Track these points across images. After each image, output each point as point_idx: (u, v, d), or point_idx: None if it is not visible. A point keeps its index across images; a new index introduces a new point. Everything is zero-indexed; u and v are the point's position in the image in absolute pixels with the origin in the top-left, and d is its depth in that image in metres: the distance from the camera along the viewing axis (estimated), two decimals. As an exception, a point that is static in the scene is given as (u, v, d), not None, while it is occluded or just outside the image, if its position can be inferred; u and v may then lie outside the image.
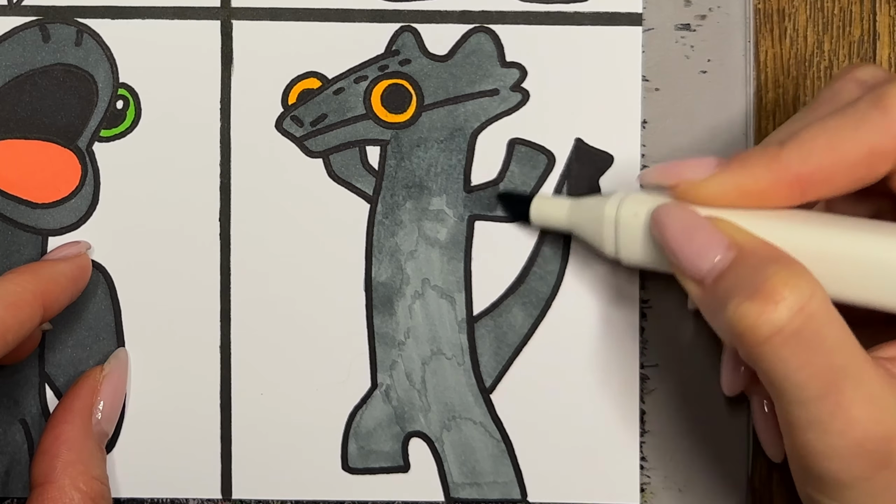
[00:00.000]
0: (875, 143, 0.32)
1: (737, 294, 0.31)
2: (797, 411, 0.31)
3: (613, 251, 0.37)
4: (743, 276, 0.32)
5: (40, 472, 0.37)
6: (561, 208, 0.39)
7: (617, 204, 0.36)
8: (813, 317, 0.30)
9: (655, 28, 0.41)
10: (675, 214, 0.34)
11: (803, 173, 0.33)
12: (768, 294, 0.30)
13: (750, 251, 0.32)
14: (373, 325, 0.41)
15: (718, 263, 0.33)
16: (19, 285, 0.36)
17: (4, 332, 0.35)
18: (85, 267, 0.40)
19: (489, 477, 0.41)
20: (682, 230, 0.34)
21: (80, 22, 0.41)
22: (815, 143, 0.33)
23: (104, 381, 0.40)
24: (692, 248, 0.33)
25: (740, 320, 0.31)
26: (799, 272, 0.31)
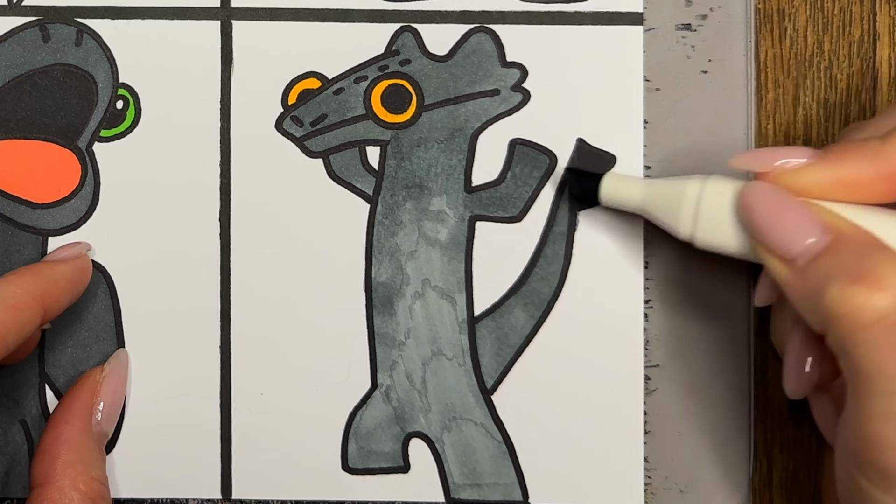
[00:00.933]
0: None
1: (839, 277, 0.30)
2: (879, 401, 0.30)
3: (690, 232, 0.36)
4: (845, 259, 0.31)
5: (40, 473, 0.37)
6: (635, 186, 0.38)
7: (700, 183, 0.36)
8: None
9: (656, 28, 0.41)
10: (767, 193, 0.34)
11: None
12: (875, 280, 0.30)
13: (850, 236, 0.32)
14: (373, 325, 0.41)
15: (812, 246, 0.32)
16: (19, 287, 0.36)
17: (5, 334, 0.35)
18: (85, 268, 0.40)
19: (490, 478, 0.41)
20: (773, 209, 0.33)
21: (80, 22, 0.41)
22: None
23: (104, 382, 0.40)
24: (784, 227, 0.33)
25: (843, 303, 0.30)
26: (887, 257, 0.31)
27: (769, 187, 0.34)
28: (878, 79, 0.42)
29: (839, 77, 0.42)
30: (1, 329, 0.35)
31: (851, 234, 0.32)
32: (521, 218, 0.41)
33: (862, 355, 0.30)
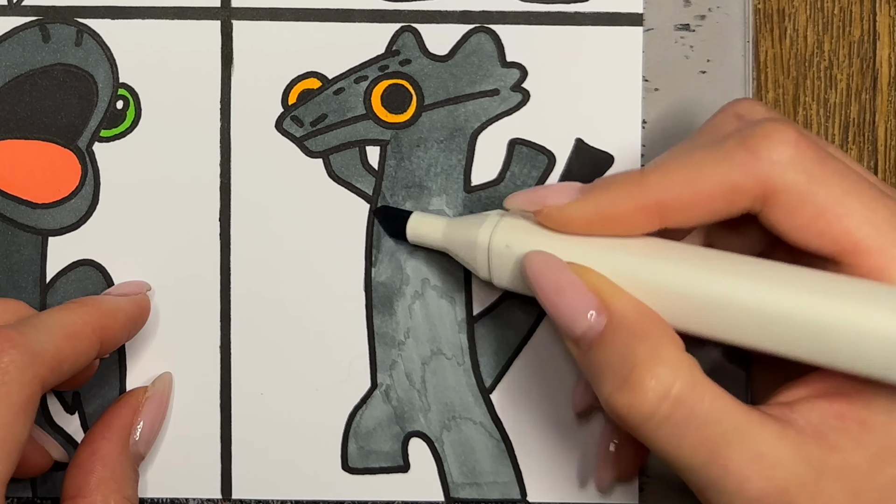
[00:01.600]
0: (735, 180, 0.32)
1: (608, 378, 0.32)
2: (690, 477, 0.32)
3: (487, 277, 0.37)
4: (613, 354, 0.32)
5: (73, 486, 0.37)
6: (437, 228, 0.39)
7: (489, 231, 0.36)
8: (680, 400, 0.31)
9: (655, 28, 0.41)
10: (545, 267, 0.35)
11: (663, 200, 0.33)
12: (635, 384, 0.31)
13: (619, 320, 0.33)
14: (373, 325, 0.41)
15: (591, 328, 0.33)
16: (80, 317, 0.36)
17: (61, 361, 0.34)
18: (144, 307, 0.40)
19: (489, 477, 0.41)
20: (553, 287, 0.34)
21: (80, 22, 0.41)
22: (677, 173, 0.33)
23: (146, 403, 0.40)
24: (565, 308, 0.34)
25: (614, 408, 0.32)
26: (662, 356, 0.32)
27: (547, 259, 0.35)
28: (878, 79, 0.42)
29: (839, 77, 0.42)
30: (58, 356, 0.34)
31: (620, 315, 0.33)
32: (520, 217, 0.41)
33: (650, 446, 0.32)
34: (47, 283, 0.41)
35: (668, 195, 0.33)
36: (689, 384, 0.32)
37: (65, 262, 0.41)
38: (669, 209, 0.33)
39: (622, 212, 0.34)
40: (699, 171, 0.33)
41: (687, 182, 0.33)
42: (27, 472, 0.39)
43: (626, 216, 0.34)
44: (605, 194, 0.34)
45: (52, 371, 0.34)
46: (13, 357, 0.33)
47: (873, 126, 0.43)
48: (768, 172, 0.32)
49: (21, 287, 0.41)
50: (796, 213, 0.32)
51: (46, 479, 0.41)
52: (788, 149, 0.32)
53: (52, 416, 0.41)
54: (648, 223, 0.34)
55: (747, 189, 0.32)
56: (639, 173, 0.34)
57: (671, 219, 0.34)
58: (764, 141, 0.32)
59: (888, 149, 0.43)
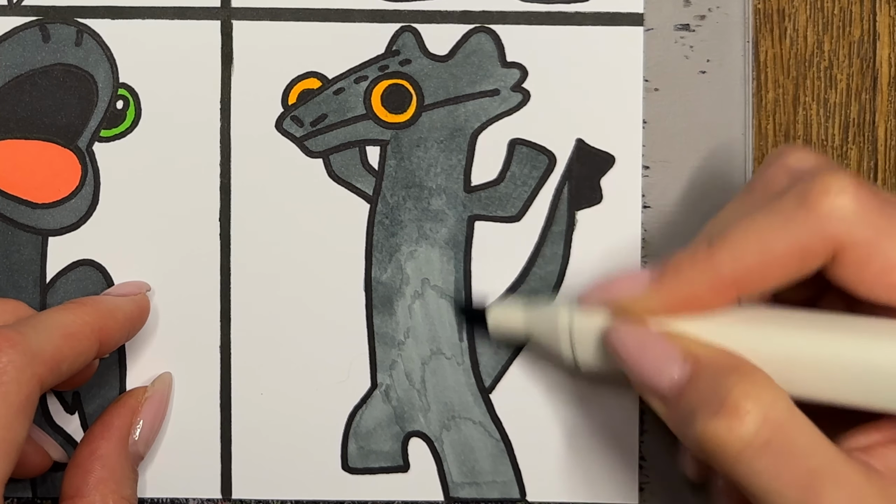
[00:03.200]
0: (803, 242, 0.32)
1: (701, 411, 0.31)
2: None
3: (572, 361, 0.37)
4: (704, 390, 0.32)
5: (72, 486, 0.37)
6: (516, 318, 0.39)
7: (569, 315, 0.37)
8: (780, 425, 0.31)
9: (655, 28, 0.41)
10: (627, 333, 0.35)
11: (736, 275, 0.33)
12: (732, 409, 0.31)
13: (706, 362, 0.33)
14: (373, 324, 0.41)
15: (678, 379, 0.33)
16: (79, 317, 0.36)
17: (60, 361, 0.34)
18: (144, 307, 0.40)
19: (488, 476, 0.41)
20: (635, 348, 0.34)
21: (80, 22, 0.41)
22: (745, 244, 0.33)
23: (146, 403, 0.40)
24: (649, 365, 0.34)
25: (709, 440, 0.31)
26: (758, 381, 0.31)
27: (629, 326, 0.35)
28: (878, 79, 0.42)
29: (839, 77, 0.42)
30: (56, 356, 0.34)
31: (708, 358, 0.33)
32: (519, 217, 0.41)
33: (745, 482, 0.31)
34: (47, 283, 0.41)
35: (740, 269, 0.33)
36: (788, 412, 0.31)
37: (65, 262, 0.41)
38: (745, 281, 0.33)
39: (699, 292, 0.34)
40: (767, 239, 0.32)
41: (756, 253, 0.33)
42: (26, 472, 0.39)
43: (704, 296, 0.34)
44: (678, 281, 0.34)
45: (50, 371, 0.34)
46: (12, 357, 0.33)
47: (873, 126, 0.43)
48: (835, 230, 0.32)
49: (21, 287, 0.41)
50: (865, 268, 0.32)
51: (46, 479, 0.41)
52: (850, 202, 0.32)
53: (52, 416, 0.41)
54: (726, 297, 0.34)
55: (817, 250, 0.32)
56: (706, 250, 0.33)
57: (746, 290, 0.33)
58: (824, 197, 0.32)
59: (888, 149, 0.43)
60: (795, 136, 0.42)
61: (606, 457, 0.41)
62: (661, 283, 0.34)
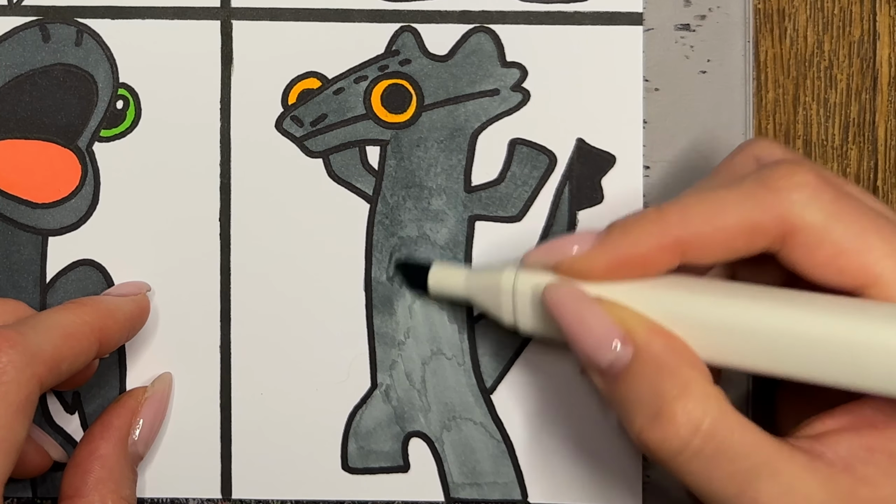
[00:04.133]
0: (756, 218, 0.33)
1: (638, 412, 0.33)
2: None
3: (511, 322, 0.37)
4: (641, 388, 0.33)
5: (71, 486, 0.37)
6: (457, 278, 0.39)
7: (513, 276, 0.36)
8: (710, 434, 0.32)
9: (655, 28, 0.41)
10: (566, 298, 0.35)
11: (683, 237, 0.33)
12: (666, 419, 0.32)
13: (645, 351, 0.33)
14: (373, 324, 0.41)
15: (617, 360, 0.33)
16: (78, 317, 0.36)
17: (59, 361, 0.34)
18: (144, 307, 0.40)
19: (489, 477, 0.41)
20: (575, 316, 0.34)
21: (80, 22, 0.41)
22: (697, 210, 0.33)
23: (146, 403, 0.40)
24: (589, 338, 0.34)
25: (645, 441, 0.32)
26: (691, 390, 0.32)
27: (568, 291, 0.35)
28: (878, 79, 0.42)
29: (839, 77, 0.42)
30: (56, 356, 0.34)
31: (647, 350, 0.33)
32: (520, 218, 0.41)
33: (681, 479, 0.33)
34: (47, 283, 0.41)
35: (687, 231, 0.33)
36: (718, 418, 0.32)
37: (65, 262, 0.41)
38: (689, 246, 0.33)
39: (643, 252, 0.34)
40: (719, 209, 0.33)
41: (707, 219, 0.33)
42: (26, 472, 0.39)
43: (647, 256, 0.34)
44: (625, 237, 0.34)
45: (50, 371, 0.34)
46: (11, 357, 0.33)
47: (873, 126, 0.43)
48: (788, 211, 0.32)
49: (21, 287, 0.41)
50: (815, 252, 0.33)
51: (46, 479, 0.41)
52: (808, 189, 0.32)
53: (52, 416, 0.41)
54: (668, 261, 0.34)
55: (767, 228, 0.33)
56: (656, 211, 0.34)
57: (691, 255, 0.34)
58: (784, 181, 0.33)
59: (888, 149, 0.43)
60: (795, 136, 0.42)
61: (609, 458, 0.41)
62: (606, 242, 0.34)
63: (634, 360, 0.33)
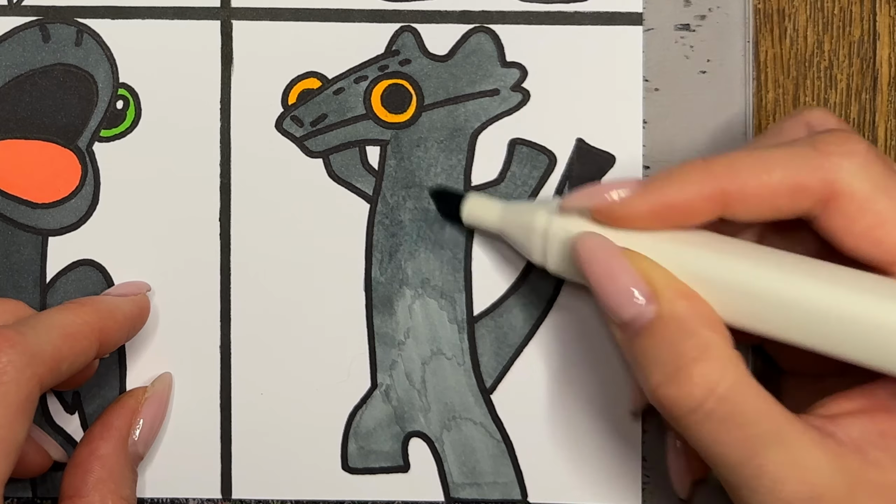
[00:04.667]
0: (802, 178, 0.33)
1: (655, 370, 0.33)
2: (725, 474, 0.32)
3: (541, 261, 0.37)
4: (661, 347, 0.33)
5: (71, 486, 0.37)
6: (492, 210, 0.39)
7: (547, 217, 0.36)
8: (725, 398, 0.32)
9: (655, 28, 0.41)
10: (596, 249, 0.35)
11: (728, 189, 0.33)
12: (682, 378, 0.32)
13: (668, 311, 0.33)
14: (373, 324, 0.41)
15: (639, 315, 0.33)
16: (79, 317, 0.36)
17: (59, 361, 0.34)
18: (144, 307, 0.40)
19: (489, 477, 0.41)
20: (603, 268, 0.34)
21: (80, 22, 0.41)
22: (744, 163, 0.33)
23: (146, 403, 0.40)
24: (614, 292, 0.34)
25: (659, 398, 0.33)
26: (710, 352, 0.32)
27: (598, 242, 0.35)
28: (878, 79, 0.42)
29: (839, 77, 0.42)
30: (56, 356, 0.34)
31: (670, 310, 0.33)
32: (520, 218, 0.41)
33: (690, 439, 0.33)
34: (47, 283, 0.41)
35: (734, 184, 0.33)
36: (735, 382, 0.32)
37: (65, 262, 0.41)
38: (733, 198, 0.33)
39: (686, 200, 0.34)
40: (768, 164, 0.33)
41: (754, 173, 0.33)
42: (26, 472, 0.39)
43: (690, 205, 0.34)
44: (669, 184, 0.34)
45: (50, 371, 0.34)
46: (11, 357, 0.33)
47: (873, 126, 0.43)
48: (836, 176, 0.33)
49: (21, 287, 0.41)
50: (855, 220, 0.33)
51: (46, 479, 0.41)
52: (858, 157, 0.33)
53: (52, 416, 0.41)
54: (710, 212, 0.34)
55: (812, 189, 0.33)
56: (703, 161, 0.34)
57: (733, 210, 0.34)
58: (836, 146, 0.33)
59: (888, 149, 0.43)
60: (796, 136, 0.42)
61: (608, 457, 0.41)
62: (650, 188, 0.34)
63: (657, 319, 0.33)
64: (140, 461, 0.39)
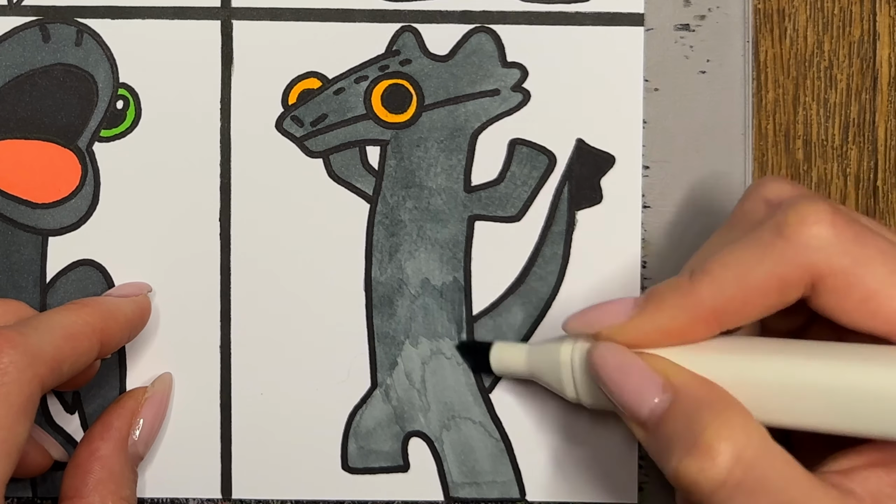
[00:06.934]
0: (781, 272, 0.32)
1: (676, 447, 0.31)
2: None
3: (575, 395, 0.37)
4: (680, 425, 0.32)
5: (71, 486, 0.37)
6: (519, 356, 0.39)
7: (570, 349, 0.37)
8: (752, 464, 0.31)
9: (655, 28, 0.41)
10: (610, 355, 0.35)
11: (717, 306, 0.33)
12: (705, 449, 0.31)
13: (685, 393, 0.33)
14: (373, 324, 0.41)
15: (657, 407, 0.33)
16: (80, 317, 0.36)
17: (61, 361, 0.34)
18: (145, 308, 0.40)
19: (488, 476, 0.41)
20: (617, 371, 0.34)
21: (80, 22, 0.41)
22: (724, 275, 0.33)
23: (146, 403, 0.40)
24: (630, 390, 0.34)
25: (684, 477, 0.31)
26: (732, 418, 0.31)
27: (611, 348, 0.35)
28: (878, 79, 0.43)
29: (839, 77, 0.42)
30: (57, 356, 0.34)
31: (686, 389, 0.33)
32: (519, 217, 0.41)
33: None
34: (47, 283, 0.41)
35: (720, 301, 0.33)
36: (761, 448, 0.31)
37: (65, 262, 0.41)
38: (726, 312, 0.33)
39: (681, 324, 0.34)
40: (745, 270, 0.33)
41: (736, 284, 0.33)
42: (27, 471, 0.39)
43: (686, 327, 0.34)
44: (660, 311, 0.34)
45: (51, 371, 0.34)
46: (13, 357, 0.33)
47: (873, 126, 0.43)
48: (813, 259, 0.32)
49: (21, 287, 0.41)
50: (846, 297, 0.32)
51: (46, 479, 0.41)
52: (826, 231, 0.32)
53: (52, 416, 0.41)
54: (708, 329, 0.34)
55: (795, 280, 0.32)
56: (688, 283, 0.34)
57: (728, 321, 0.33)
58: (800, 227, 0.32)
59: (888, 149, 0.43)
60: (795, 136, 0.42)
61: (606, 457, 0.41)
62: (643, 314, 0.34)
63: (673, 402, 0.33)
64: (140, 461, 0.39)
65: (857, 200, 0.43)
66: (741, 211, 0.36)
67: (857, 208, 0.43)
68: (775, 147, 0.43)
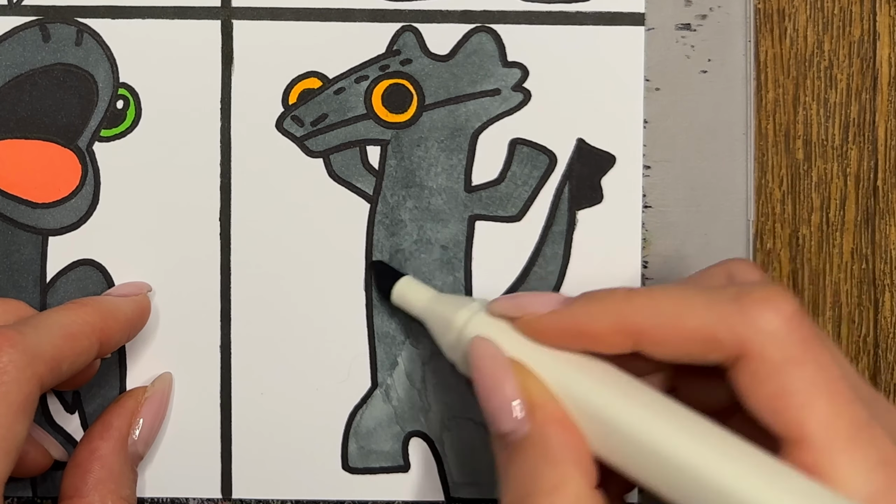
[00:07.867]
0: (716, 330, 0.31)
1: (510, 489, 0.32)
2: None
3: (451, 357, 0.37)
4: (521, 471, 0.32)
5: (71, 486, 0.37)
6: (421, 298, 0.39)
7: (468, 316, 0.36)
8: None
9: (656, 28, 0.41)
10: (486, 358, 0.34)
11: (642, 327, 0.32)
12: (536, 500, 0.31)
13: (538, 434, 0.32)
14: (373, 324, 0.41)
15: (514, 433, 0.33)
16: (80, 317, 0.36)
17: (60, 360, 0.34)
18: (144, 307, 0.40)
19: (489, 476, 0.41)
20: (490, 378, 0.34)
21: (80, 22, 0.41)
22: (663, 302, 0.32)
23: (146, 403, 0.40)
24: (497, 403, 0.33)
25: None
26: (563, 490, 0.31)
27: (488, 349, 0.35)
28: (878, 79, 0.43)
29: (839, 77, 0.42)
30: (57, 356, 0.34)
31: (540, 434, 0.33)
32: (520, 217, 0.41)
33: None
34: (47, 283, 0.41)
35: (648, 322, 0.32)
36: None
37: (65, 262, 0.41)
38: (645, 336, 0.33)
39: (598, 329, 0.33)
40: (686, 309, 0.32)
41: (671, 315, 0.32)
42: (27, 471, 0.39)
43: (602, 334, 0.33)
44: (586, 309, 0.34)
45: (51, 371, 0.34)
46: (12, 357, 0.33)
47: (873, 126, 0.43)
48: (750, 336, 0.31)
49: (21, 287, 0.41)
50: (762, 385, 0.31)
51: (46, 479, 0.41)
52: (780, 321, 0.31)
53: (52, 416, 0.41)
54: (622, 344, 0.33)
55: (725, 344, 0.31)
56: (625, 292, 0.33)
57: (644, 347, 0.33)
58: (759, 305, 0.31)
59: (888, 149, 0.43)
60: (795, 136, 0.42)
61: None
62: (567, 309, 0.34)
63: (526, 439, 0.33)
64: (140, 461, 0.39)
65: (857, 200, 0.43)
66: (705, 274, 0.35)
67: (857, 208, 0.43)
68: (775, 147, 0.43)
